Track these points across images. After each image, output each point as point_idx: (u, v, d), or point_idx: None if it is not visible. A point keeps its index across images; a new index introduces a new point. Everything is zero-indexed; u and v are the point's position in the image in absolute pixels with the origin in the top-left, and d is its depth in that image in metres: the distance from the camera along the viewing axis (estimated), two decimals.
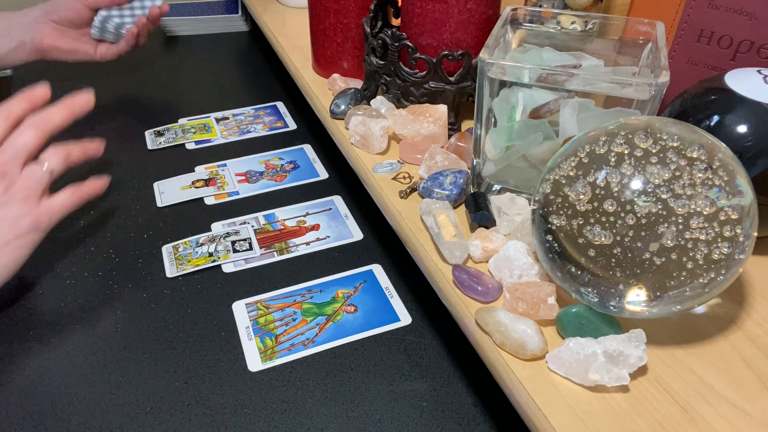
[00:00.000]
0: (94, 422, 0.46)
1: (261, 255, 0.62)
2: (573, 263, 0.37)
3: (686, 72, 0.54)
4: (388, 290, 0.58)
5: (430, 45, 0.58)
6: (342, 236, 0.65)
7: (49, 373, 0.50)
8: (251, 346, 0.52)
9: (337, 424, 0.46)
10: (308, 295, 0.57)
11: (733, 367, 0.38)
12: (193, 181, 0.73)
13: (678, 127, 0.37)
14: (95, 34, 0.87)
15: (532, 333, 0.38)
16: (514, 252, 0.44)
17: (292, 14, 0.92)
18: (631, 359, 0.36)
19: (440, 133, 0.58)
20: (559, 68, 0.44)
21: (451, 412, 0.47)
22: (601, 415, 0.36)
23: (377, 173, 0.57)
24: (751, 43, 0.49)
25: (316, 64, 0.74)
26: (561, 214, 0.37)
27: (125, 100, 0.90)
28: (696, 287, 0.35)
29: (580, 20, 0.52)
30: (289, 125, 0.85)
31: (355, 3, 0.67)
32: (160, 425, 0.46)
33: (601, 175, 0.36)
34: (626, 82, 0.42)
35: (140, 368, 0.50)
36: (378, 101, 0.64)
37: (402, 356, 0.51)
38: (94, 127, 0.83)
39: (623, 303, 0.37)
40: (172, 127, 0.84)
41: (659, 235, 0.34)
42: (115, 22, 0.86)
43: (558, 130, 0.46)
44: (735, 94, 0.43)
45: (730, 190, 0.35)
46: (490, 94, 0.47)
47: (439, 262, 0.47)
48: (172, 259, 0.61)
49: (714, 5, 0.50)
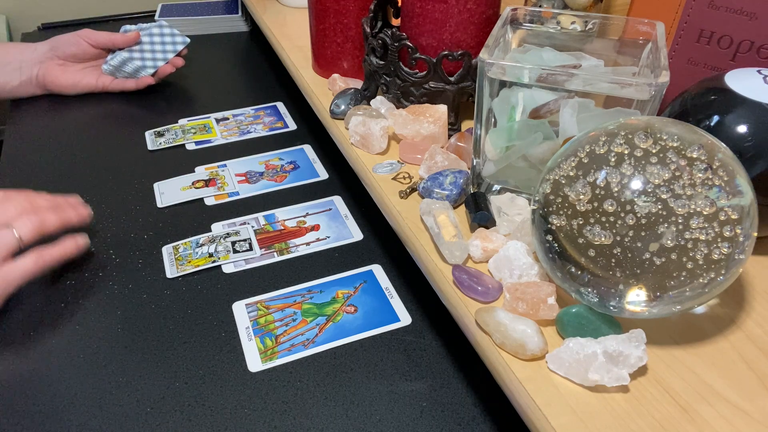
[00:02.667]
0: (94, 422, 0.46)
1: (261, 255, 0.62)
2: (573, 263, 0.37)
3: (686, 72, 0.54)
4: (388, 290, 0.58)
5: (430, 45, 0.58)
6: (342, 236, 0.65)
7: (50, 373, 0.50)
8: (251, 346, 0.52)
9: (337, 424, 0.46)
10: (308, 296, 0.57)
11: (733, 367, 0.38)
12: (194, 182, 0.73)
13: (678, 127, 0.37)
14: (107, 71, 0.89)
15: (532, 333, 0.38)
16: (514, 252, 0.44)
17: (292, 14, 0.92)
18: (631, 359, 0.36)
19: (440, 133, 0.58)
20: (559, 68, 0.44)
21: (451, 412, 0.47)
22: (601, 415, 0.36)
23: (377, 173, 0.57)
24: (751, 43, 0.49)
25: (316, 65, 0.74)
26: (561, 214, 0.37)
27: (125, 100, 0.90)
28: (696, 287, 0.35)
29: (580, 20, 0.52)
30: (289, 125, 0.85)
31: (355, 3, 0.67)
32: (160, 425, 0.46)
33: (601, 175, 0.36)
34: (626, 82, 0.42)
35: (140, 368, 0.50)
36: (378, 101, 0.64)
37: (402, 356, 0.51)
38: (94, 128, 0.84)
39: (623, 303, 0.37)
40: (173, 127, 0.84)
41: (659, 235, 0.34)
42: (136, 65, 0.88)
43: (558, 130, 0.46)
44: (735, 94, 0.43)
45: (730, 190, 0.35)
46: (490, 94, 0.47)
47: (439, 263, 0.47)
48: (172, 259, 0.61)
49: (714, 5, 0.50)
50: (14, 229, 0.53)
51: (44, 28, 1.15)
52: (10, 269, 0.52)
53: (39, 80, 0.87)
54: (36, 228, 0.54)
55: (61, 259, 0.56)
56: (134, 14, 1.22)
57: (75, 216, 0.59)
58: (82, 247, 0.58)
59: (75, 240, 0.58)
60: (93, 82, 0.89)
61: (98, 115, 0.87)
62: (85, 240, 0.59)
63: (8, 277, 0.52)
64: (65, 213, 0.58)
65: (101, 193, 0.71)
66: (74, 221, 0.59)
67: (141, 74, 0.89)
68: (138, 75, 0.89)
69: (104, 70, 0.89)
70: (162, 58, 0.89)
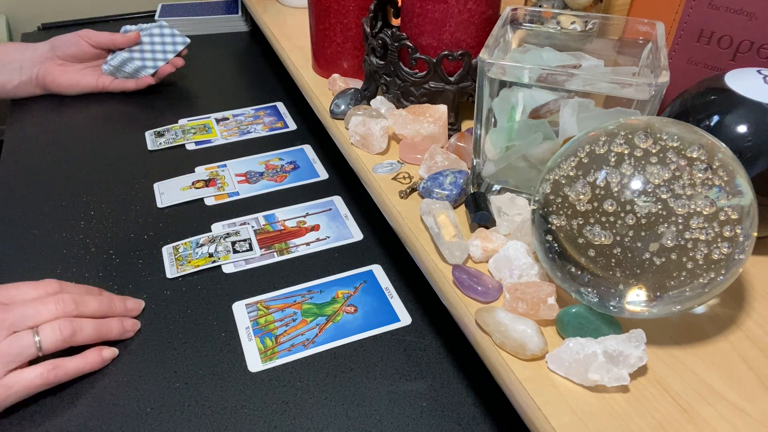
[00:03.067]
0: (94, 422, 0.46)
1: (261, 255, 0.62)
2: (573, 263, 0.37)
3: (686, 72, 0.54)
4: (388, 290, 0.58)
5: (430, 45, 0.58)
6: (342, 236, 0.65)
7: None
8: (251, 346, 0.52)
9: (337, 424, 0.46)
10: (308, 296, 0.57)
11: (733, 367, 0.38)
12: (194, 182, 0.73)
13: (678, 127, 0.37)
14: (107, 71, 0.89)
15: (532, 333, 0.38)
16: (514, 252, 0.44)
17: (292, 14, 0.92)
18: (631, 359, 0.36)
19: (440, 133, 0.58)
20: (559, 68, 0.44)
21: (451, 412, 0.47)
22: (601, 415, 0.36)
23: (377, 173, 0.57)
24: (751, 43, 0.49)
25: (316, 65, 0.74)
26: (561, 214, 0.37)
27: (126, 100, 0.90)
28: (696, 287, 0.35)
29: (580, 20, 0.52)
30: (289, 125, 0.85)
31: (355, 3, 0.67)
32: (160, 425, 0.46)
33: (601, 175, 0.36)
34: (626, 82, 0.42)
35: (140, 368, 0.50)
36: (378, 101, 0.64)
37: (402, 356, 0.51)
38: (94, 128, 0.84)
39: (623, 303, 0.37)
40: (173, 127, 0.84)
41: (659, 235, 0.34)
42: (136, 65, 0.88)
43: (558, 130, 0.46)
44: (735, 94, 0.43)
45: (730, 190, 0.35)
46: (490, 94, 0.47)
47: (439, 262, 0.47)
48: (172, 259, 0.61)
49: (714, 5, 0.50)
50: (38, 336, 0.47)
51: (44, 28, 1.15)
52: (16, 378, 0.46)
53: (39, 80, 0.87)
54: (63, 341, 0.48)
55: (78, 374, 0.49)
56: (134, 14, 1.22)
57: (117, 331, 0.52)
58: (107, 361, 0.51)
59: (100, 353, 0.50)
60: (93, 82, 0.89)
61: (98, 115, 0.87)
62: (113, 353, 0.51)
63: (14, 386, 0.46)
64: (107, 326, 0.51)
65: (101, 193, 0.71)
66: (113, 337, 0.52)
67: (141, 74, 0.89)
68: (138, 75, 0.89)
69: (104, 70, 0.89)
70: (162, 58, 0.89)
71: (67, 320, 0.48)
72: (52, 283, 0.51)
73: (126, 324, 0.53)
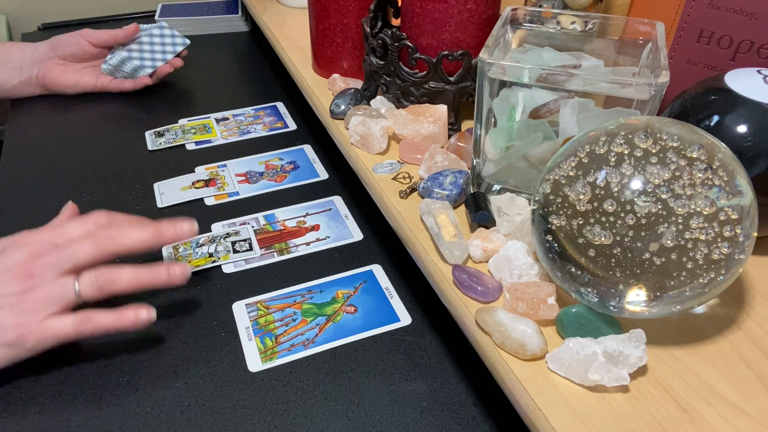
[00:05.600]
0: (94, 422, 0.46)
1: (261, 255, 0.62)
2: (573, 263, 0.37)
3: (686, 72, 0.54)
4: (388, 290, 0.58)
5: (430, 45, 0.58)
6: (342, 236, 0.65)
7: (49, 373, 0.50)
8: (251, 346, 0.52)
9: (337, 424, 0.46)
10: (308, 296, 0.57)
11: (733, 367, 0.38)
12: (194, 182, 0.73)
13: (678, 127, 0.37)
14: (106, 70, 0.89)
15: (532, 333, 0.38)
16: (514, 252, 0.44)
17: (292, 14, 0.92)
18: (631, 359, 0.36)
19: (440, 133, 0.58)
20: (559, 68, 0.44)
21: (451, 412, 0.47)
22: (601, 415, 0.36)
23: (377, 173, 0.57)
24: (751, 43, 0.49)
25: (316, 65, 0.74)
26: (561, 214, 0.37)
27: (126, 100, 0.90)
28: (696, 287, 0.35)
29: (580, 20, 0.52)
30: (289, 125, 0.85)
31: (355, 3, 0.67)
32: (160, 425, 0.46)
33: (601, 175, 0.36)
34: (626, 82, 0.42)
35: (140, 368, 0.50)
36: (378, 101, 0.64)
37: (402, 356, 0.51)
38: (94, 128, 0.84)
39: (623, 303, 0.37)
40: (173, 127, 0.84)
41: (659, 235, 0.34)
42: (135, 65, 0.88)
43: (558, 130, 0.46)
44: (735, 94, 0.43)
45: (730, 190, 0.35)
46: (490, 94, 0.47)
47: (439, 262, 0.47)
48: (172, 259, 0.61)
49: (714, 5, 0.50)
50: (77, 282, 0.46)
51: (44, 28, 1.15)
52: (50, 325, 0.45)
53: (39, 80, 0.87)
54: (101, 289, 0.47)
55: (110, 331, 0.48)
56: (134, 14, 1.22)
57: (162, 277, 0.49)
58: (141, 322, 0.48)
59: (137, 313, 0.48)
60: (92, 81, 0.89)
61: (98, 115, 0.87)
62: (150, 315, 0.48)
63: (45, 332, 0.45)
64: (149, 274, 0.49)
65: (101, 193, 0.71)
66: (159, 284, 0.49)
67: (139, 74, 0.89)
68: (136, 75, 0.89)
69: (103, 70, 0.89)
70: (161, 58, 0.89)
71: (105, 269, 0.48)
72: (101, 216, 0.51)
73: (173, 269, 0.49)
